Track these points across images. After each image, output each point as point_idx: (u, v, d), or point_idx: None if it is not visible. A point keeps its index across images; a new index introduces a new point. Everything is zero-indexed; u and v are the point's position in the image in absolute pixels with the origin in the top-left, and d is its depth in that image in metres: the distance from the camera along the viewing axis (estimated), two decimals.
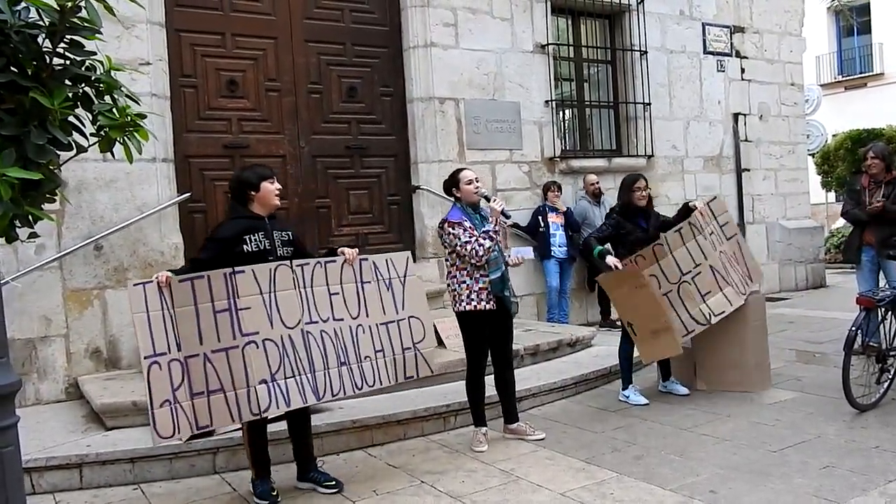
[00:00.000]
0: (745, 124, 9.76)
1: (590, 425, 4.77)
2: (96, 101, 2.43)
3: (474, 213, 4.43)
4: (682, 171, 9.12)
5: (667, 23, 9.02)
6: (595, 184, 7.92)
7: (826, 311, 8.35)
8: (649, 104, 8.68)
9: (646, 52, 8.69)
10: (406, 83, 7.26)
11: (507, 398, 4.62)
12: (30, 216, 2.23)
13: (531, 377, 5.47)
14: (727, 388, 5.27)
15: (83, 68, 2.35)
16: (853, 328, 4.53)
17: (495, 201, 4.40)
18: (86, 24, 2.23)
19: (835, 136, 16.99)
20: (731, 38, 9.65)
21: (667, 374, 5.44)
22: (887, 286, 5.53)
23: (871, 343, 4.73)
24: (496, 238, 4.30)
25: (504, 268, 4.42)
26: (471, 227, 4.33)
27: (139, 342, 3.33)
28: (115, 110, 2.41)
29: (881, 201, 5.69)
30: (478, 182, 4.46)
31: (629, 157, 8.65)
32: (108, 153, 2.59)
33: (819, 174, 17.42)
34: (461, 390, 4.63)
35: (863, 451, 3.98)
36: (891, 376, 4.83)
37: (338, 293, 3.86)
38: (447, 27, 7.29)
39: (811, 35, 13.02)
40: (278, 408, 3.57)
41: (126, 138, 2.45)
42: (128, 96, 2.48)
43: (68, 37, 2.27)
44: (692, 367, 5.45)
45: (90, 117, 2.51)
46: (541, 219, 7.52)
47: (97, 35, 2.31)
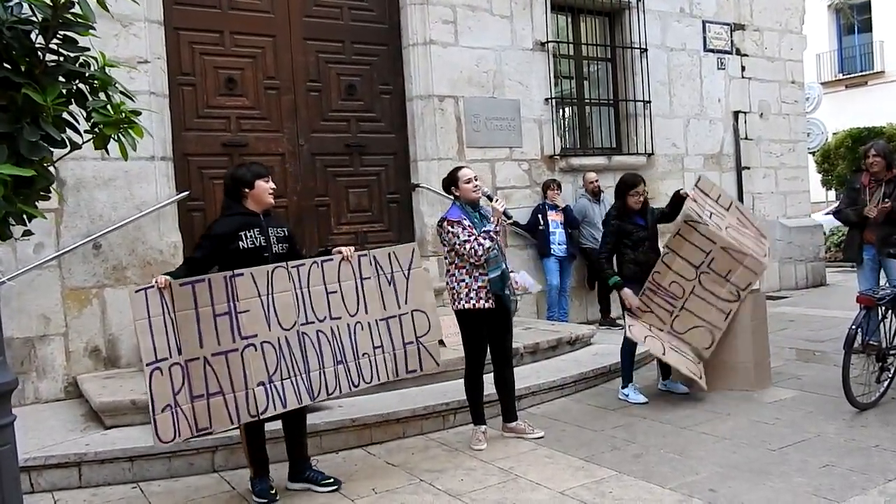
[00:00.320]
0: (745, 122, 9.74)
1: (589, 424, 4.76)
2: (90, 98, 2.42)
3: (473, 211, 4.42)
4: (682, 170, 9.09)
5: (667, 20, 9.00)
6: (594, 182, 7.90)
7: (826, 309, 8.33)
8: (649, 102, 8.66)
9: (646, 50, 8.67)
10: (405, 81, 7.25)
11: (507, 396, 4.61)
12: (24, 214, 2.22)
13: (531, 375, 5.46)
14: (727, 386, 5.26)
15: (77, 65, 2.34)
16: (853, 327, 4.52)
17: (497, 201, 4.39)
18: (79, 20, 2.22)
19: (835, 134, 16.98)
20: (731, 36, 9.62)
21: (666, 373, 5.43)
22: (888, 285, 5.51)
23: (871, 342, 4.72)
24: (496, 238, 4.29)
25: (504, 266, 4.41)
26: (470, 226, 4.32)
27: (141, 349, 3.33)
28: (109, 107, 2.40)
29: (888, 202, 5.62)
30: (477, 181, 4.44)
31: (629, 155, 8.63)
32: (107, 152, 2.57)
33: (819, 172, 17.41)
34: (460, 388, 4.62)
35: (862, 449, 3.97)
36: (891, 375, 4.82)
37: (335, 292, 3.85)
38: (446, 24, 7.27)
39: (812, 33, 12.99)
40: (275, 409, 3.58)
41: (120, 135, 2.44)
42: (122, 93, 2.46)
43: (61, 33, 2.25)
44: None
45: (84, 114, 2.49)
46: (540, 217, 7.52)
47: (91, 31, 2.29)
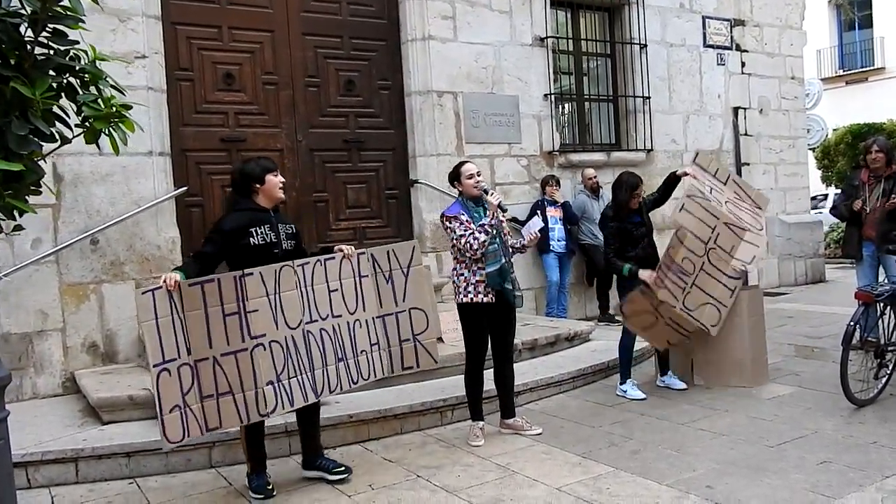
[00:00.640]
0: (745, 118, 9.71)
1: (587, 420, 4.75)
2: (81, 92, 2.39)
3: (475, 206, 4.40)
4: (682, 166, 8.93)
5: (667, 16, 8.97)
6: (593, 178, 7.89)
7: (825, 305, 8.31)
8: (649, 98, 8.64)
9: (645, 46, 8.65)
10: (404, 76, 7.23)
11: (506, 392, 4.60)
12: (14, 209, 2.20)
13: (529, 372, 5.45)
14: (725, 383, 5.25)
15: (67, 58, 2.31)
16: (851, 323, 4.50)
17: (492, 195, 4.38)
18: (68, 13, 2.19)
19: (835, 130, 16.94)
20: (731, 32, 9.59)
21: (665, 369, 5.42)
22: (886, 281, 5.50)
23: (869, 338, 4.71)
24: (492, 232, 4.27)
25: (503, 261, 4.36)
26: (467, 221, 4.31)
27: (148, 350, 3.30)
28: (100, 101, 2.37)
29: (893, 197, 5.58)
30: (479, 176, 4.44)
31: (628, 151, 8.61)
32: (98, 146, 2.55)
33: (819, 169, 17.39)
34: (458, 385, 4.61)
35: (860, 446, 3.96)
36: (889, 371, 4.80)
37: (336, 290, 3.86)
38: (445, 20, 7.25)
39: (812, 29, 12.94)
40: (283, 408, 3.59)
41: (111, 129, 2.41)
42: (113, 87, 2.44)
43: (51, 26, 2.23)
44: (690, 362, 5.44)
45: (75, 108, 2.46)
46: (539, 213, 7.49)
47: (81, 25, 2.27)
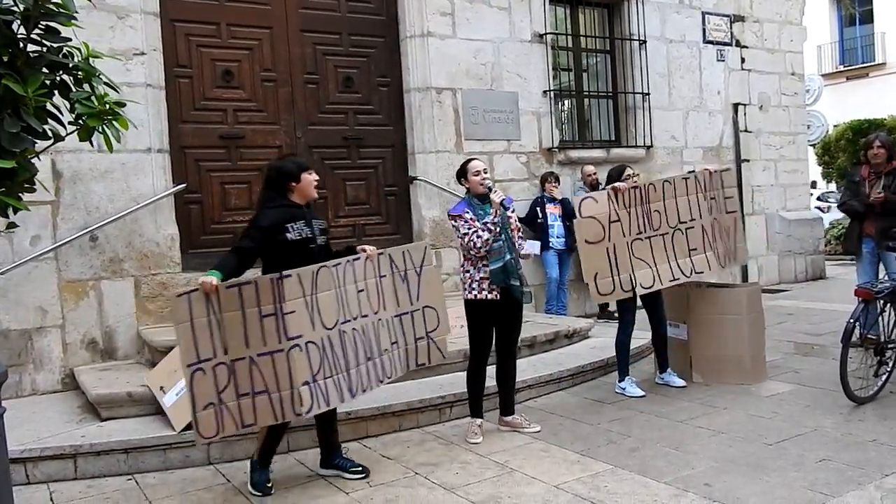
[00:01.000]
0: (745, 114, 9.69)
1: (586, 417, 4.75)
2: (74, 89, 2.39)
3: (481, 204, 4.39)
4: (682, 162, 9.04)
5: (666, 12, 8.95)
6: (593, 174, 7.86)
7: (825, 302, 8.30)
8: (648, 94, 8.62)
9: (645, 42, 8.63)
10: (403, 73, 7.21)
11: (506, 389, 4.60)
12: (8, 207, 2.19)
13: (528, 369, 5.44)
14: (724, 380, 5.24)
15: (60, 55, 2.30)
16: (851, 320, 4.49)
17: (495, 192, 4.38)
18: (61, 10, 2.18)
19: (836, 126, 16.92)
20: (731, 28, 9.57)
21: (664, 366, 5.41)
22: (887, 278, 5.50)
23: (869, 335, 4.70)
24: (495, 230, 4.26)
25: (507, 258, 4.33)
26: (472, 219, 4.31)
27: (181, 350, 3.34)
28: (93, 98, 2.37)
29: (881, 193, 5.66)
30: (485, 174, 4.43)
31: (628, 148, 8.59)
32: (92, 144, 2.54)
33: (819, 165, 17.38)
34: (457, 382, 4.61)
35: (859, 444, 3.96)
36: (889, 369, 4.80)
37: (363, 290, 3.90)
38: (444, 16, 7.23)
39: (812, 24, 12.92)
40: (319, 408, 3.61)
41: (105, 127, 2.40)
42: (106, 84, 2.43)
43: (43, 23, 2.22)
44: (688, 359, 5.43)
45: (68, 105, 2.46)
46: (539, 210, 7.50)
47: (74, 22, 2.26)
